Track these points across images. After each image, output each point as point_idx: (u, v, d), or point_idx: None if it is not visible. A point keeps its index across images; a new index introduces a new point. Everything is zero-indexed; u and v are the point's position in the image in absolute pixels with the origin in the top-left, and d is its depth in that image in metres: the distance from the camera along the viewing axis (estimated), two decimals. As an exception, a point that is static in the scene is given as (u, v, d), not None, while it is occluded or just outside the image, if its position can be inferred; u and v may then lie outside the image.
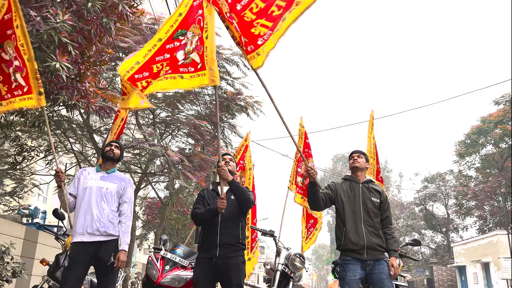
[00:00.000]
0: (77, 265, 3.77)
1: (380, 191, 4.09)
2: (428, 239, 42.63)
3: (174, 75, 3.85)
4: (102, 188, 4.00)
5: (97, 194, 3.96)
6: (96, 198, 3.94)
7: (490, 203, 32.86)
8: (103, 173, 4.13)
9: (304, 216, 7.03)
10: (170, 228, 18.77)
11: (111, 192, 4.03)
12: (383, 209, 3.99)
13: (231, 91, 12.42)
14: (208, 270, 3.62)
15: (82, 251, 3.81)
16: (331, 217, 56.53)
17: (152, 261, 4.89)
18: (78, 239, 3.83)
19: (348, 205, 3.92)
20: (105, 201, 3.97)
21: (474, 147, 32.55)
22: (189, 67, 3.84)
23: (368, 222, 3.84)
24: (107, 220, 3.91)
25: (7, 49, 3.96)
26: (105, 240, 3.87)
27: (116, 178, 4.16)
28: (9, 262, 6.10)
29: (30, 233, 9.43)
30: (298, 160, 6.85)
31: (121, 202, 4.09)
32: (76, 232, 3.86)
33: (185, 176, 10.07)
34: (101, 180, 4.05)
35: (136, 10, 5.61)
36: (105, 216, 3.91)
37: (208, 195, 3.93)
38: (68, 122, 10.31)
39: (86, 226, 3.84)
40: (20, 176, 12.62)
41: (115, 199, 4.05)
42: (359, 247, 3.76)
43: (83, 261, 3.80)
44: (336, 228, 4.03)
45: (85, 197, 3.95)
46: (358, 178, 4.08)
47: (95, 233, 3.84)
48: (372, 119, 6.84)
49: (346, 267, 3.78)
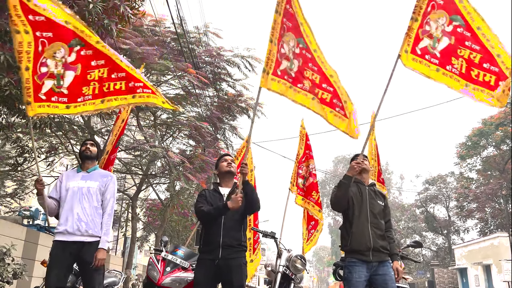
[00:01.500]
0: (57, 263, 3.74)
1: (384, 195, 4.15)
2: (429, 241, 42.58)
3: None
4: (83, 188, 3.96)
5: (78, 194, 3.93)
6: (78, 198, 3.91)
7: (491, 205, 32.83)
8: (83, 173, 4.09)
9: (305, 217, 7.03)
10: (171, 230, 18.76)
11: (93, 190, 3.98)
12: (386, 213, 4.04)
13: (232, 92, 12.43)
14: (210, 271, 3.61)
15: (62, 249, 3.77)
16: (332, 219, 56.48)
17: (153, 263, 4.88)
18: (59, 238, 3.81)
19: (356, 207, 3.93)
20: (86, 200, 3.92)
21: (475, 149, 32.53)
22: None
23: (374, 225, 3.86)
24: (90, 220, 3.87)
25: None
26: (88, 241, 3.83)
27: (98, 176, 4.11)
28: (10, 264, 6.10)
29: (31, 235, 9.43)
30: (299, 162, 6.84)
31: (103, 199, 4.04)
32: (57, 232, 3.84)
33: (186, 177, 10.06)
34: (81, 180, 4.02)
35: (138, 11, 5.62)
36: (86, 216, 3.87)
37: (209, 195, 3.93)
38: (69, 124, 10.31)
39: (66, 226, 3.81)
40: (21, 177, 12.63)
41: (97, 197, 4.00)
42: (365, 249, 3.77)
43: (63, 259, 3.76)
44: (343, 229, 4.03)
45: (67, 198, 3.93)
46: (364, 181, 4.10)
47: (75, 233, 3.80)
48: (373, 121, 6.84)
49: (352, 269, 3.78)
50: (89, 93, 3.89)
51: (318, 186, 6.91)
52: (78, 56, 3.86)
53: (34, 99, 3.82)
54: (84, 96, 3.91)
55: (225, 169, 3.96)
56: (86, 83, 3.89)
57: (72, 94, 3.89)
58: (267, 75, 3.81)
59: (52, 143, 11.21)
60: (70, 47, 3.83)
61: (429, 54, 3.81)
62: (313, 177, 6.80)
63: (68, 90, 3.88)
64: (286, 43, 3.89)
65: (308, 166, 6.82)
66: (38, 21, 3.69)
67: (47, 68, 3.81)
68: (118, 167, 13.93)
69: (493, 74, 3.74)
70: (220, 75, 12.13)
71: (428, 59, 3.80)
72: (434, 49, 3.82)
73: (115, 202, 4.16)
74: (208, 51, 11.86)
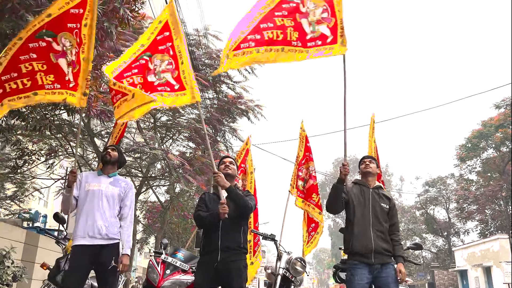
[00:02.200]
0: (78, 268, 3.77)
1: (389, 198, 4.16)
2: (429, 243, 42.50)
3: (156, 94, 4.03)
4: (104, 192, 4.00)
5: (99, 198, 3.96)
6: (98, 202, 3.94)
7: (492, 207, 32.80)
8: (104, 177, 4.13)
9: (305, 220, 7.01)
10: (171, 232, 18.73)
11: (113, 195, 4.04)
12: (391, 215, 4.04)
13: (232, 95, 12.44)
14: (210, 274, 3.61)
15: (83, 254, 3.80)
16: (332, 221, 56.42)
17: (153, 265, 4.88)
18: (79, 242, 3.83)
19: (358, 209, 3.94)
20: (106, 204, 3.97)
21: (475, 151, 32.51)
22: (165, 87, 4.10)
23: (376, 227, 3.86)
24: (109, 223, 3.92)
25: (62, 40, 3.91)
26: (106, 244, 3.87)
27: (118, 182, 4.17)
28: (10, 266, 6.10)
29: (30, 237, 9.43)
30: (299, 164, 6.84)
31: (122, 206, 4.10)
32: (77, 235, 3.86)
33: (186, 179, 10.06)
34: (103, 184, 4.06)
35: (137, 14, 5.62)
36: (106, 219, 3.92)
37: (209, 198, 3.93)
38: (69, 126, 10.31)
39: (87, 229, 3.84)
40: (21, 180, 12.61)
41: (116, 202, 4.05)
42: (367, 251, 3.76)
43: (84, 264, 3.81)
44: (345, 231, 4.04)
45: (86, 201, 3.95)
46: (368, 183, 4.11)
47: (96, 236, 3.84)
48: (373, 123, 6.84)
49: (354, 272, 3.78)
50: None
51: (318, 188, 6.90)
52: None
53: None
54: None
55: (223, 172, 3.97)
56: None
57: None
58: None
59: (52, 145, 11.21)
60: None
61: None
62: (313, 179, 6.79)
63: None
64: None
65: (308, 168, 6.81)
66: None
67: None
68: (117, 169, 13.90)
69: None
70: (219, 77, 12.14)
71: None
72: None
73: (133, 209, 4.22)
74: (207, 54, 11.88)
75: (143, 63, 4.08)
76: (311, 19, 3.91)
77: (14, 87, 3.77)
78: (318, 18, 3.92)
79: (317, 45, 3.92)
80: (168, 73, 4.10)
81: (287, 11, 3.91)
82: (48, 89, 3.92)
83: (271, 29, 3.87)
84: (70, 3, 3.86)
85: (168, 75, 4.09)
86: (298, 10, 3.93)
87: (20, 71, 3.75)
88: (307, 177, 6.81)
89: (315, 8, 3.91)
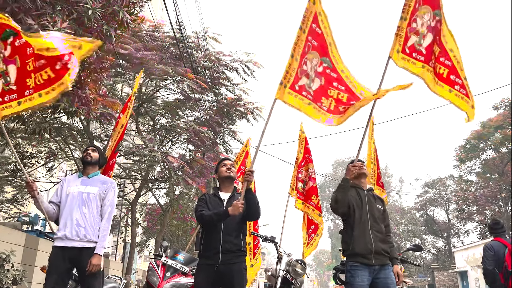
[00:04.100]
0: (55, 269, 3.73)
1: (382, 200, 4.19)
2: (429, 244, 42.50)
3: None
4: (83, 193, 3.95)
5: (78, 199, 3.92)
6: (77, 203, 3.90)
7: (491, 208, 32.80)
8: (84, 178, 4.09)
9: (305, 222, 7.02)
10: (171, 235, 18.73)
11: (93, 196, 3.97)
12: (384, 217, 4.09)
13: (231, 97, 12.46)
14: (210, 277, 3.61)
15: (60, 255, 3.77)
16: (331, 223, 56.39)
17: (153, 268, 4.88)
18: (57, 243, 3.80)
19: (356, 211, 3.95)
20: (86, 205, 3.91)
21: (474, 152, 32.53)
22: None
23: (375, 228, 3.88)
24: (89, 225, 3.85)
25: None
26: (85, 246, 3.82)
27: (98, 182, 4.10)
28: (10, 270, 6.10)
29: (30, 240, 9.42)
30: (299, 166, 6.85)
31: (102, 205, 4.02)
32: (56, 237, 3.83)
33: (185, 182, 10.06)
34: (81, 185, 4.00)
35: (137, 17, 5.64)
36: (86, 221, 3.85)
37: (209, 200, 3.92)
38: (69, 129, 10.32)
39: (65, 231, 3.80)
40: (21, 183, 12.61)
41: (97, 203, 3.98)
42: (367, 252, 3.78)
43: (61, 265, 3.75)
44: (344, 233, 4.05)
45: (66, 203, 3.91)
46: (362, 186, 4.12)
47: (74, 238, 3.78)
48: (372, 124, 6.85)
49: (354, 273, 3.78)
50: (32, 85, 3.61)
51: (317, 190, 6.91)
52: (13, 48, 3.59)
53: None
54: (29, 89, 3.60)
55: (224, 174, 3.96)
56: (28, 75, 3.62)
57: (20, 88, 3.62)
58: (284, 88, 3.86)
59: (51, 148, 11.21)
60: (4, 40, 3.60)
61: (416, 51, 3.93)
62: (312, 181, 6.79)
63: (16, 85, 3.62)
64: (310, 60, 3.96)
65: (307, 170, 6.82)
66: None
67: None
68: (117, 172, 13.91)
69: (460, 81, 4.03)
70: (219, 79, 12.16)
71: (415, 57, 3.93)
72: (420, 45, 3.93)
73: (114, 209, 4.15)
74: (207, 56, 11.90)
75: (335, 77, 4.01)
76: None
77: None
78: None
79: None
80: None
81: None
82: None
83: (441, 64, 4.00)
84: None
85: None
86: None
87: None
88: (306, 179, 6.82)
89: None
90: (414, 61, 3.92)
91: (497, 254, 5.30)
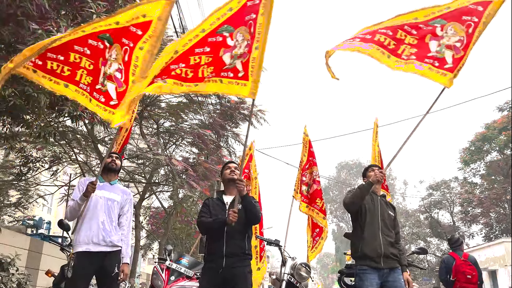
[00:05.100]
0: (82, 276, 3.76)
1: (394, 207, 4.26)
2: (434, 247, 42.25)
3: (216, 79, 3.68)
4: (107, 199, 4.02)
5: (103, 204, 3.98)
6: (103, 208, 3.96)
7: (496, 210, 32.62)
8: (107, 184, 4.15)
9: (309, 225, 6.99)
10: (175, 238, 18.72)
11: (116, 203, 4.07)
12: (395, 224, 4.16)
13: (235, 100, 12.45)
14: (215, 280, 3.60)
15: (87, 261, 3.80)
16: (335, 226, 56.22)
17: (157, 272, 4.87)
18: (83, 248, 3.81)
19: (368, 214, 3.98)
20: (109, 211, 4.00)
21: (479, 154, 32.40)
22: (228, 72, 3.66)
23: (385, 232, 3.92)
24: (113, 230, 3.94)
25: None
26: (109, 250, 3.88)
27: (119, 190, 4.21)
28: (14, 274, 6.10)
29: (34, 244, 9.44)
30: (303, 169, 6.82)
31: (121, 214, 4.13)
32: (80, 242, 3.84)
33: (189, 185, 10.06)
34: (105, 191, 4.07)
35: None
36: (110, 226, 3.93)
37: (212, 204, 3.92)
38: (73, 133, 10.34)
39: (91, 236, 3.84)
40: (25, 187, 12.65)
41: (117, 210, 4.09)
42: (376, 255, 3.77)
43: (88, 271, 3.80)
44: (353, 236, 4.05)
45: (90, 207, 3.95)
46: (376, 191, 4.15)
47: (100, 243, 3.84)
48: (376, 127, 6.84)
49: (363, 277, 3.77)
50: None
51: (322, 193, 6.89)
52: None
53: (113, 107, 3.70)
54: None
55: (228, 177, 3.96)
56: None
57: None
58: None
59: (56, 152, 11.25)
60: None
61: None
62: (317, 184, 6.77)
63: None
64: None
65: (311, 173, 6.80)
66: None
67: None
68: (121, 175, 13.94)
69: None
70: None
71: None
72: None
73: (131, 218, 4.29)
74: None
75: (220, 40, 3.62)
76: (443, 42, 3.97)
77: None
78: (451, 43, 3.97)
79: (434, 65, 3.95)
80: (239, 59, 3.59)
81: (416, 30, 4.00)
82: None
83: (386, 35, 3.98)
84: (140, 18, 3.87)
85: (238, 61, 3.59)
86: (432, 32, 4.00)
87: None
88: (310, 182, 6.80)
89: (453, 35, 3.97)
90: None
91: (447, 266, 6.23)
